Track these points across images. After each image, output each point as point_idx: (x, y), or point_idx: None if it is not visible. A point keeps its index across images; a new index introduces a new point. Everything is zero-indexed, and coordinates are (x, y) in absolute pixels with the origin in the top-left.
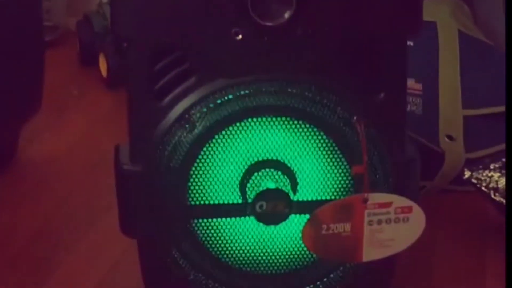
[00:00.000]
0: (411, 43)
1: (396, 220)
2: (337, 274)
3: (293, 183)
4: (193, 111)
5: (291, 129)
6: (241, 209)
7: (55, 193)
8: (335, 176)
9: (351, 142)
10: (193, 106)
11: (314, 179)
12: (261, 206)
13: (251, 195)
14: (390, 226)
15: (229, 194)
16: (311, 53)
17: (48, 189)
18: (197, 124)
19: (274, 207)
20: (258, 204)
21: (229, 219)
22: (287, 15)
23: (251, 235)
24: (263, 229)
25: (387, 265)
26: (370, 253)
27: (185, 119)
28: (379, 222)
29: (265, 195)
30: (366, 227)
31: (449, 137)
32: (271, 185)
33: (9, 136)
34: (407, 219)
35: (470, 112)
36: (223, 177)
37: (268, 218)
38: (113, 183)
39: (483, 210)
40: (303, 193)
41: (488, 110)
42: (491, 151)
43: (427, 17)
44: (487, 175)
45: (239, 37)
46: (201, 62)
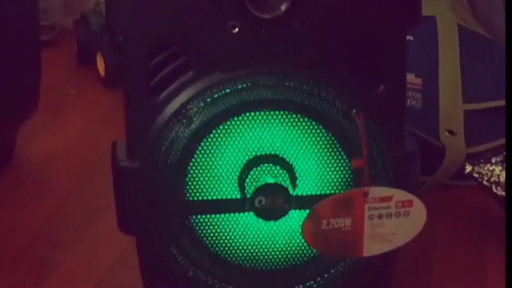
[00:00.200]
0: (410, 37)
1: (396, 214)
2: (337, 269)
3: (292, 178)
4: (190, 106)
5: (289, 123)
6: (240, 205)
7: (54, 193)
8: (335, 170)
9: (351, 135)
10: (190, 100)
11: (313, 174)
12: (260, 201)
13: (249, 190)
14: (390, 220)
15: (227, 189)
16: (309, 46)
17: (46, 189)
18: (194, 119)
19: (273, 202)
20: (257, 199)
21: (227, 215)
22: (283, 8)
23: (250, 231)
24: (262, 224)
25: (387, 261)
26: (370, 248)
27: (182, 114)
28: (380, 216)
29: (264, 190)
30: (366, 221)
31: (450, 131)
32: (270, 180)
33: (6, 135)
34: (408, 213)
35: (470, 106)
36: (221, 172)
37: (267, 213)
38: (111, 182)
39: (485, 204)
40: (302, 188)
41: (488, 104)
42: (492, 145)
43: (427, 11)
44: (489, 169)
45: (236, 30)
46: (198, 56)
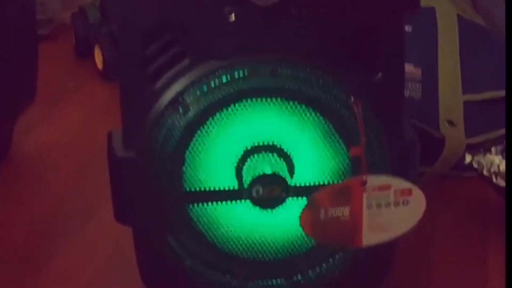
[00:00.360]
0: (410, 28)
1: (395, 203)
2: (336, 259)
3: (290, 167)
4: (186, 94)
5: (286, 111)
6: (237, 194)
7: (51, 186)
8: (333, 158)
9: (349, 123)
10: (186, 89)
11: (311, 162)
12: (257, 191)
13: (247, 180)
14: (389, 209)
15: (224, 179)
16: (306, 34)
17: (44, 182)
18: (190, 107)
19: (270, 191)
20: (254, 189)
21: (225, 205)
22: None
23: (248, 221)
24: (260, 214)
25: (387, 251)
26: (369, 238)
27: (178, 102)
28: (378, 205)
29: (262, 179)
30: (365, 210)
31: (449, 122)
32: (268, 170)
33: (3, 128)
34: (407, 202)
35: (470, 97)
36: (218, 162)
37: (264, 203)
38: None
39: (484, 195)
40: (300, 177)
41: (488, 94)
42: (491, 135)
43: (426, 2)
44: (488, 159)
45: (232, 17)
46: (194, 44)
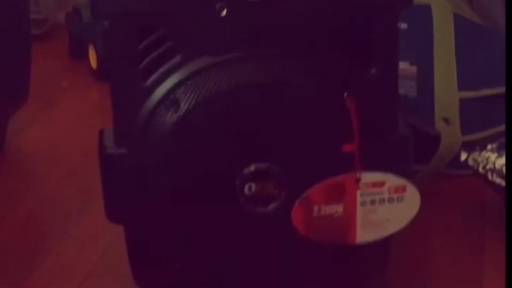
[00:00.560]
0: (405, 26)
1: (390, 200)
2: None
3: (283, 163)
4: (178, 91)
5: (280, 106)
6: (230, 191)
7: (44, 184)
8: (326, 154)
9: (342, 119)
10: (177, 85)
11: (304, 158)
12: (249, 187)
13: (239, 176)
14: (384, 206)
15: (217, 175)
16: (298, 28)
17: (36, 180)
18: (182, 104)
19: (263, 188)
20: (246, 185)
21: (217, 202)
22: None
23: (240, 218)
24: (252, 212)
25: (381, 249)
26: (363, 235)
27: (170, 99)
28: (372, 202)
29: (254, 176)
30: (359, 207)
31: (445, 120)
32: (260, 166)
33: None
34: (401, 199)
35: (466, 94)
36: (210, 158)
37: (257, 200)
38: None
39: (481, 192)
40: (293, 173)
41: (484, 92)
42: (487, 133)
43: (422, 0)
44: (484, 156)
45: (224, 13)
46: (185, 40)
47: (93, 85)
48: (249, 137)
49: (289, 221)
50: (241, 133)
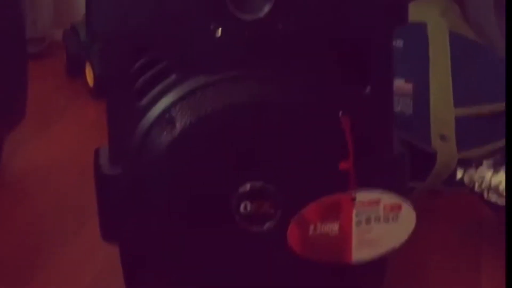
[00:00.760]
0: (401, 43)
1: (385, 218)
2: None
3: (279, 181)
4: (173, 110)
5: (275, 126)
6: (225, 210)
7: (40, 203)
8: (322, 173)
9: (337, 137)
10: (173, 104)
11: (300, 177)
12: (245, 206)
13: (235, 195)
14: (379, 225)
15: (212, 195)
16: (293, 48)
17: (32, 198)
18: (177, 123)
19: (259, 207)
20: (242, 204)
21: (213, 221)
22: (266, 9)
23: (236, 237)
24: (248, 230)
25: (377, 266)
26: (359, 254)
27: (165, 118)
28: (368, 220)
29: (250, 194)
30: (354, 226)
31: (441, 137)
32: (256, 184)
33: None
34: (397, 218)
35: (462, 111)
36: (205, 178)
37: (253, 219)
38: None
39: (477, 210)
40: (289, 191)
41: (480, 109)
42: (483, 150)
43: (417, 17)
44: (480, 174)
45: (218, 32)
46: (180, 59)
47: (90, 103)
48: (245, 156)
49: (285, 239)
50: (237, 152)
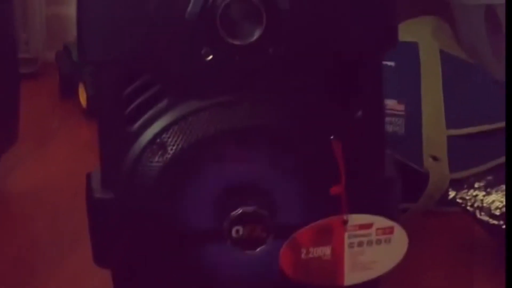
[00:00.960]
0: (392, 64)
1: (377, 241)
2: None
3: (271, 206)
4: (165, 135)
5: (267, 150)
6: (217, 235)
7: (34, 225)
8: (313, 197)
9: (329, 161)
10: (165, 129)
11: (292, 201)
12: (237, 231)
13: (227, 219)
14: (371, 248)
15: (204, 219)
16: (284, 72)
17: (26, 220)
18: (169, 148)
19: (251, 231)
20: (234, 228)
21: (205, 245)
22: (257, 34)
23: (227, 261)
24: (240, 254)
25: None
26: (352, 277)
27: (157, 143)
28: (360, 244)
29: (242, 219)
30: (346, 250)
31: (433, 157)
32: (248, 209)
33: None
34: (389, 241)
35: (454, 132)
36: (197, 202)
37: (245, 243)
38: None
39: (470, 230)
40: (281, 216)
41: (472, 129)
42: (476, 170)
43: (409, 37)
44: (472, 195)
45: (210, 57)
46: (172, 84)
47: (83, 123)
48: (236, 180)
49: (277, 263)
50: (228, 177)
